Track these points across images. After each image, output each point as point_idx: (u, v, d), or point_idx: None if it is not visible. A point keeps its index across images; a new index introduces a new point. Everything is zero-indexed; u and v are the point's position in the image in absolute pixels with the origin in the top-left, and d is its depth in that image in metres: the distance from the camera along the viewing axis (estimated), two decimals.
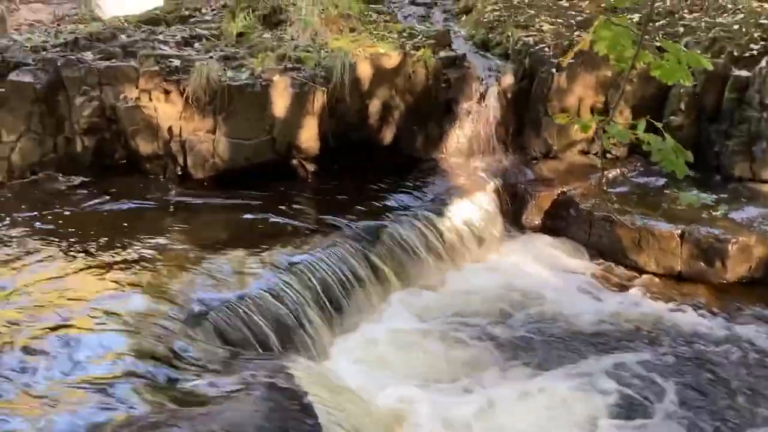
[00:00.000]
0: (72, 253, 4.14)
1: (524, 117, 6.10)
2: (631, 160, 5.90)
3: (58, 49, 5.66)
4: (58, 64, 5.35)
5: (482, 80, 6.00)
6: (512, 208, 5.70)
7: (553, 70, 5.86)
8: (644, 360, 4.02)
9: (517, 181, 5.82)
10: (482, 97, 5.94)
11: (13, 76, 5.31)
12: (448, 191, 5.45)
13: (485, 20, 7.04)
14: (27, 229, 4.50)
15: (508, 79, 6.03)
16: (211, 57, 5.61)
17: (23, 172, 5.34)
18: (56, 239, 4.33)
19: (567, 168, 5.98)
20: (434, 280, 4.85)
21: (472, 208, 5.37)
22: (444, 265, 4.97)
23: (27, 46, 5.69)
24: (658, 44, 2.29)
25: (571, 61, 5.86)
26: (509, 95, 6.04)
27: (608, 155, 5.75)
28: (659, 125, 2.02)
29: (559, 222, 5.59)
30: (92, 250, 4.19)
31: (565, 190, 5.62)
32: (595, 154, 6.14)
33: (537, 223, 5.68)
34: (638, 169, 5.82)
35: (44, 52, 5.58)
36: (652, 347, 4.17)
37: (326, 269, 4.29)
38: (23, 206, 4.86)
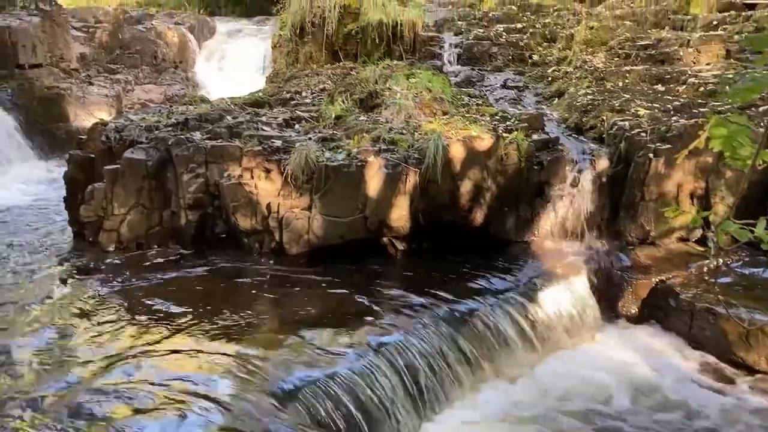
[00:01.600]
0: (167, 325, 4.29)
1: (619, 201, 5.97)
2: (735, 250, 5.62)
3: (170, 128, 6.04)
4: (169, 143, 5.70)
5: (576, 163, 5.94)
6: (607, 295, 5.51)
7: (651, 155, 5.75)
8: None
9: (612, 267, 5.64)
10: (576, 180, 5.87)
11: (128, 154, 5.69)
12: (540, 275, 5.33)
13: (578, 104, 7.03)
14: (129, 298, 4.72)
15: (603, 163, 5.95)
16: (310, 138, 5.84)
17: (130, 242, 5.63)
18: (154, 309, 4.52)
19: (665, 255, 5.76)
20: (524, 368, 4.71)
21: (565, 294, 5.23)
22: (535, 353, 4.82)
23: (142, 126, 6.11)
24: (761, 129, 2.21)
25: (669, 146, 5.76)
26: (604, 179, 5.94)
27: (710, 244, 5.51)
28: None
29: (657, 312, 5.35)
30: (187, 321, 4.34)
31: (663, 278, 5.40)
32: (696, 242, 5.91)
33: (633, 311, 5.47)
34: (743, 260, 5.53)
35: (157, 132, 5.97)
36: None
37: (414, 352, 4.26)
38: (128, 275, 5.11)
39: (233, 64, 13.59)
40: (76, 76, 11.94)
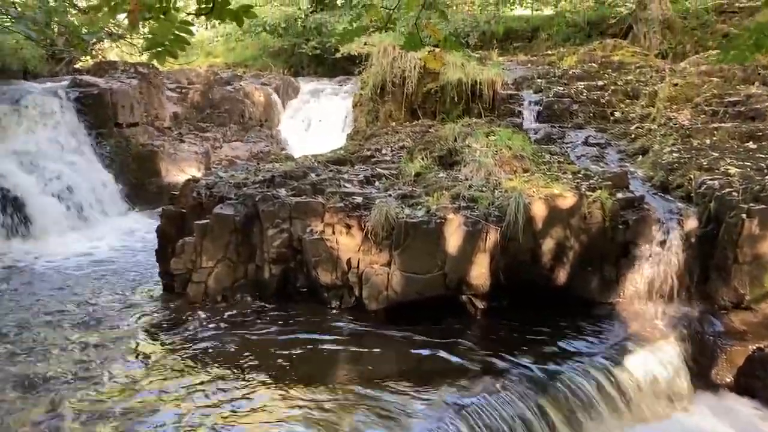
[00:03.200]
0: (245, 378, 4.38)
1: (710, 263, 5.71)
2: None
3: (257, 185, 6.28)
4: (256, 199, 5.91)
5: (663, 223, 5.75)
6: (699, 362, 5.24)
7: (743, 215, 5.51)
8: None
9: (704, 333, 5.37)
10: (663, 240, 5.68)
11: (217, 209, 5.93)
12: (626, 339, 5.13)
13: (664, 162, 6.86)
14: (214, 351, 4.83)
15: (692, 223, 5.74)
16: (390, 195, 5.93)
17: (216, 294, 5.81)
18: (238, 363, 4.61)
19: (762, 321, 5.44)
20: None
21: (654, 360, 5.00)
22: (622, 421, 4.60)
23: (231, 183, 6.38)
24: None
25: (763, 206, 5.50)
26: (693, 239, 5.72)
27: None
28: None
29: (755, 381, 5.03)
30: (264, 376, 4.41)
31: (761, 346, 5.10)
32: None
33: (728, 380, 5.17)
34: None
35: (245, 188, 6.21)
36: None
37: (495, 415, 4.14)
38: (213, 328, 5.26)
39: (316, 122, 14.01)
40: (168, 134, 12.60)
